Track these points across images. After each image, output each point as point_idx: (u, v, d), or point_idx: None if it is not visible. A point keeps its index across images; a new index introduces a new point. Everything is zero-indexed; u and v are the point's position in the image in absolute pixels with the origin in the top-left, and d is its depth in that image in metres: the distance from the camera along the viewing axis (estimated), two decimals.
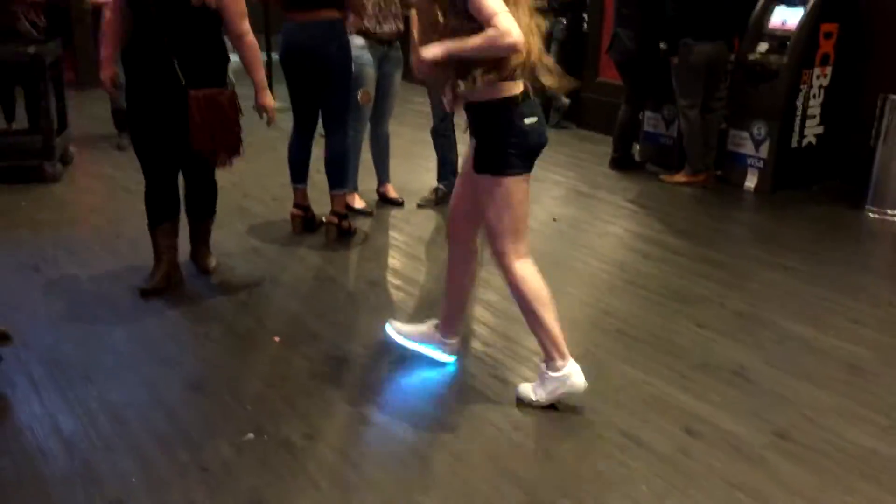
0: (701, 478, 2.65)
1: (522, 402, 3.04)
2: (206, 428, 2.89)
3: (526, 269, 2.99)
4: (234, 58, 4.04)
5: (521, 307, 3.02)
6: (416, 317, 3.83)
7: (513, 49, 2.66)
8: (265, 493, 2.55)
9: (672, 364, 3.39)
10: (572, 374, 2.99)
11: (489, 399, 3.11)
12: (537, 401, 3.02)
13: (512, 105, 2.81)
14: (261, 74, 3.96)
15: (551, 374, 2.99)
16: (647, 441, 2.84)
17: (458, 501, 2.54)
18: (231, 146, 3.87)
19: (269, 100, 3.96)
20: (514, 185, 2.91)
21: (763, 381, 3.26)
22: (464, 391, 3.19)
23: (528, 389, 3.06)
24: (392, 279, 4.28)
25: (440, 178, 5.40)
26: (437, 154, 5.37)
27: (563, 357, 2.99)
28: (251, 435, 2.84)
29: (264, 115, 3.98)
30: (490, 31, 2.63)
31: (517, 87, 2.82)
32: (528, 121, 2.85)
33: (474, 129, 2.94)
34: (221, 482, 2.59)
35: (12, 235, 4.69)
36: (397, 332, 3.40)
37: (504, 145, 2.85)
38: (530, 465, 2.73)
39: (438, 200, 5.28)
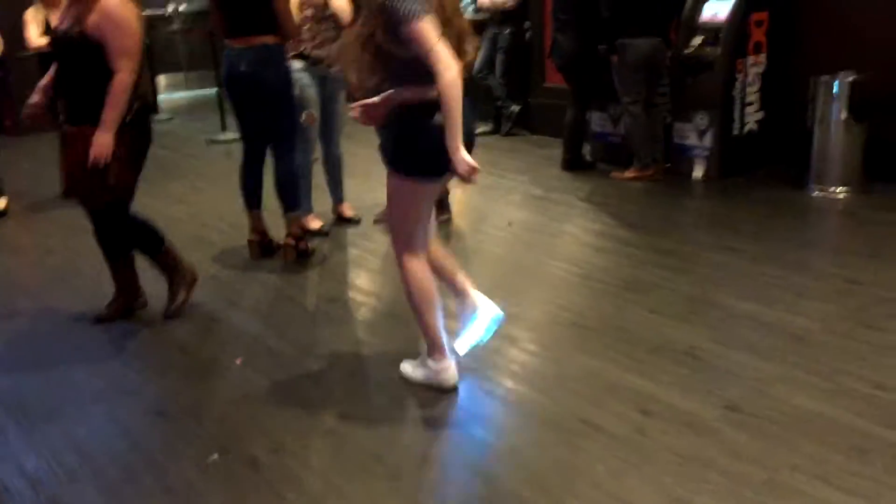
0: (655, 454, 2.74)
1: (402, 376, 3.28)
2: (171, 452, 2.92)
3: (416, 267, 3.10)
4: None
5: (409, 303, 3.17)
6: (376, 328, 3.91)
7: (454, 83, 2.73)
8: None
9: (626, 350, 3.48)
10: (443, 371, 3.17)
11: (448, 398, 3.18)
12: (413, 378, 3.25)
13: (433, 108, 2.82)
14: (111, 114, 3.56)
15: (429, 362, 3.18)
16: (603, 425, 2.92)
17: (423, 499, 2.59)
18: (88, 190, 3.69)
19: (104, 138, 3.57)
20: (421, 188, 3.04)
21: (713, 359, 3.36)
22: (423, 395, 3.26)
23: (408, 366, 3.29)
24: (352, 294, 4.35)
25: None
26: None
27: (441, 354, 3.16)
28: (216, 455, 2.87)
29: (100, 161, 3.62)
30: (441, 80, 2.71)
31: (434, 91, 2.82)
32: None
33: (394, 128, 3.03)
34: (187, 503, 2.63)
35: None
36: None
37: (419, 147, 2.93)
38: (493, 460, 2.80)
39: None
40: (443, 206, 5.02)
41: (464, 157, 2.79)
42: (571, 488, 2.58)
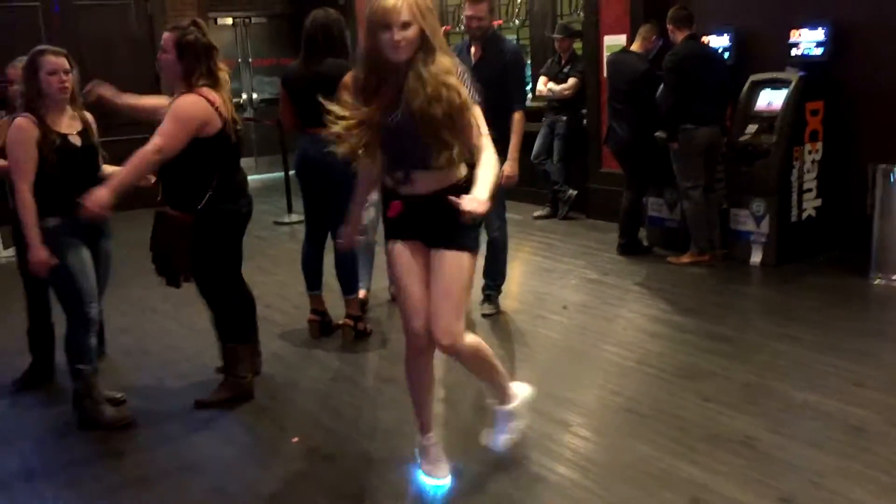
0: None
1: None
2: None
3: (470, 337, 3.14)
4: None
5: (483, 369, 3.26)
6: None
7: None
8: None
9: (679, 438, 3.47)
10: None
11: (503, 483, 3.21)
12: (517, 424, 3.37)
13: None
14: (120, 176, 3.65)
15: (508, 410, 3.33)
16: None
17: None
18: (160, 268, 3.94)
19: (100, 195, 3.52)
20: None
21: (769, 449, 3.33)
22: (477, 475, 3.29)
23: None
24: None
25: None
26: None
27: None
28: None
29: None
30: (491, 154, 2.86)
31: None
32: None
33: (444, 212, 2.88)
34: None
35: None
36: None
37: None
38: None
39: None
40: None
41: None
42: None
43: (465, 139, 2.81)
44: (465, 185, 2.81)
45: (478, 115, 2.86)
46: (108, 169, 4.00)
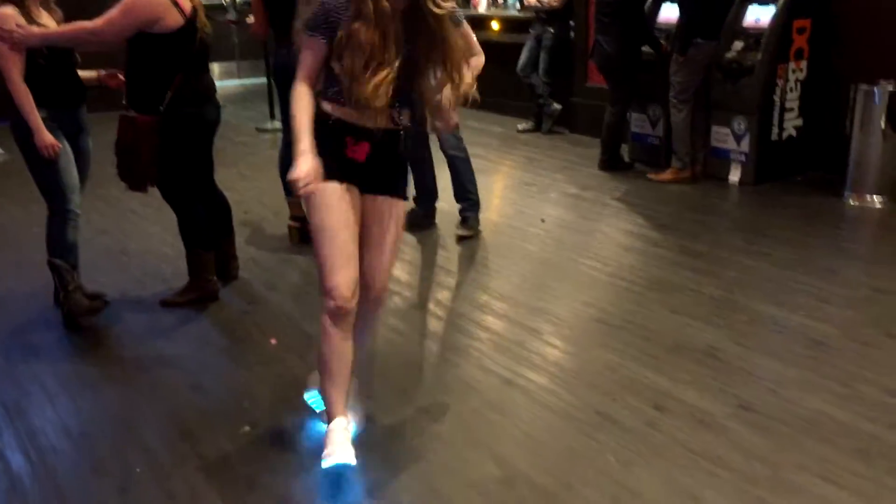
0: (666, 448, 2.84)
1: None
2: (205, 422, 3.10)
3: None
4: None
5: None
6: (406, 316, 4.05)
7: None
8: (260, 479, 2.75)
9: (646, 348, 3.57)
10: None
11: (470, 386, 3.31)
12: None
13: None
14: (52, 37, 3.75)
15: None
16: (617, 418, 3.03)
17: (439, 479, 2.72)
18: (124, 173, 3.97)
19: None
20: None
21: (731, 360, 3.44)
22: (445, 379, 3.40)
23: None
24: None
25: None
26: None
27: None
28: (247, 428, 3.05)
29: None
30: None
31: None
32: None
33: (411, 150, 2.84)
34: (219, 470, 2.81)
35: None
36: None
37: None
38: (508, 444, 2.92)
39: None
40: None
41: None
42: (581, 475, 2.69)
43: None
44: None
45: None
46: (82, 74, 3.98)
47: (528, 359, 3.53)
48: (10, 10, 3.66)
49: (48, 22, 3.83)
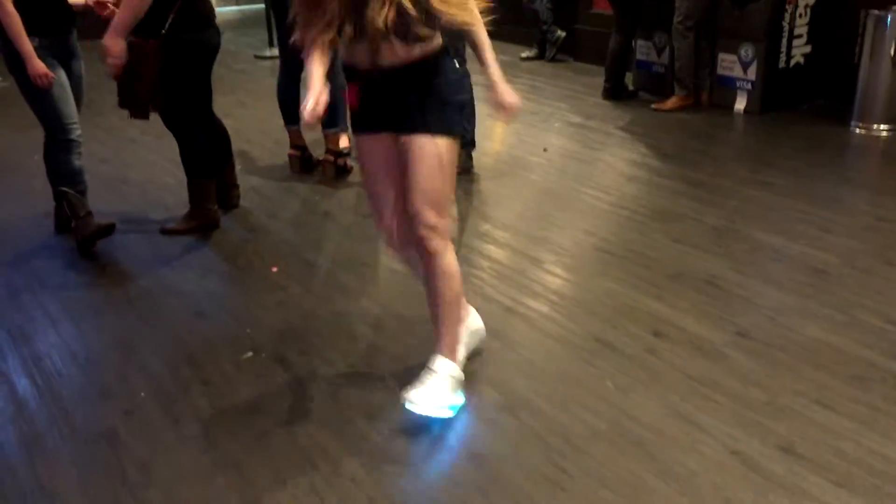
0: (663, 373, 2.87)
1: None
2: (209, 348, 3.13)
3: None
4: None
5: (451, 299, 2.72)
6: None
7: None
8: (262, 403, 2.79)
9: (646, 276, 3.58)
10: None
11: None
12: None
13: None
14: (120, 16, 3.67)
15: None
16: (616, 344, 3.06)
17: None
18: (128, 101, 3.89)
19: (108, 40, 3.67)
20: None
21: (731, 288, 3.45)
22: None
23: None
24: None
25: None
26: None
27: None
28: (250, 353, 3.08)
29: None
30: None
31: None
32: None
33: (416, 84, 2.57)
34: (222, 394, 2.85)
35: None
36: None
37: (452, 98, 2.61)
38: (507, 370, 2.95)
39: None
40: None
41: None
42: (579, 399, 2.73)
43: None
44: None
45: None
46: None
47: (529, 287, 3.54)
48: None
49: None
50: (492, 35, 2.60)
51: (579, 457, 2.44)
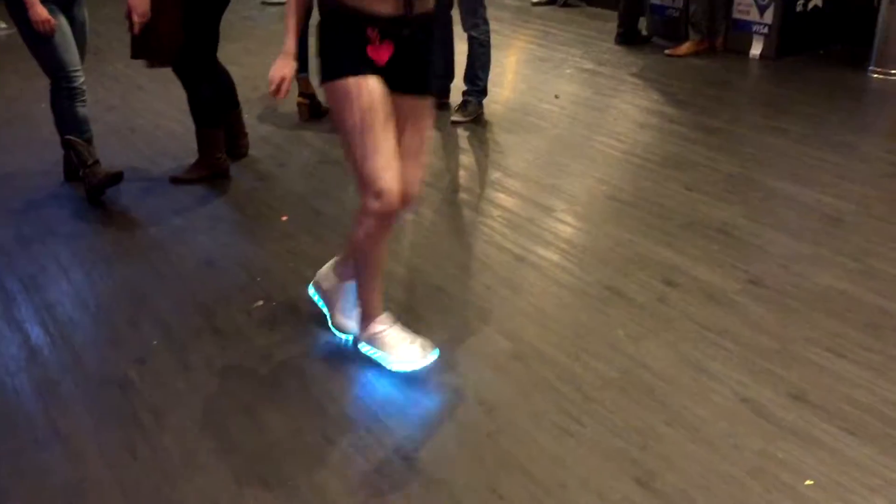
0: (675, 322, 2.85)
1: None
2: (220, 297, 3.14)
3: None
4: None
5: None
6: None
7: None
8: (274, 351, 2.80)
9: (658, 224, 3.55)
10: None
11: (483, 263, 3.32)
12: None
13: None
14: None
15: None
16: (627, 293, 3.04)
17: (451, 353, 2.73)
18: (143, 48, 3.80)
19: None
20: None
21: (744, 236, 3.42)
22: (457, 256, 3.40)
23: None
24: None
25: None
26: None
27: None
28: (260, 302, 3.08)
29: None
30: None
31: None
32: None
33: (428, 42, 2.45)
34: (234, 343, 2.85)
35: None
36: None
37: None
38: (518, 318, 2.94)
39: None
40: None
41: None
42: (590, 348, 2.72)
43: None
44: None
45: None
46: None
47: (540, 236, 3.52)
48: None
49: None
50: None
51: (589, 405, 2.45)
